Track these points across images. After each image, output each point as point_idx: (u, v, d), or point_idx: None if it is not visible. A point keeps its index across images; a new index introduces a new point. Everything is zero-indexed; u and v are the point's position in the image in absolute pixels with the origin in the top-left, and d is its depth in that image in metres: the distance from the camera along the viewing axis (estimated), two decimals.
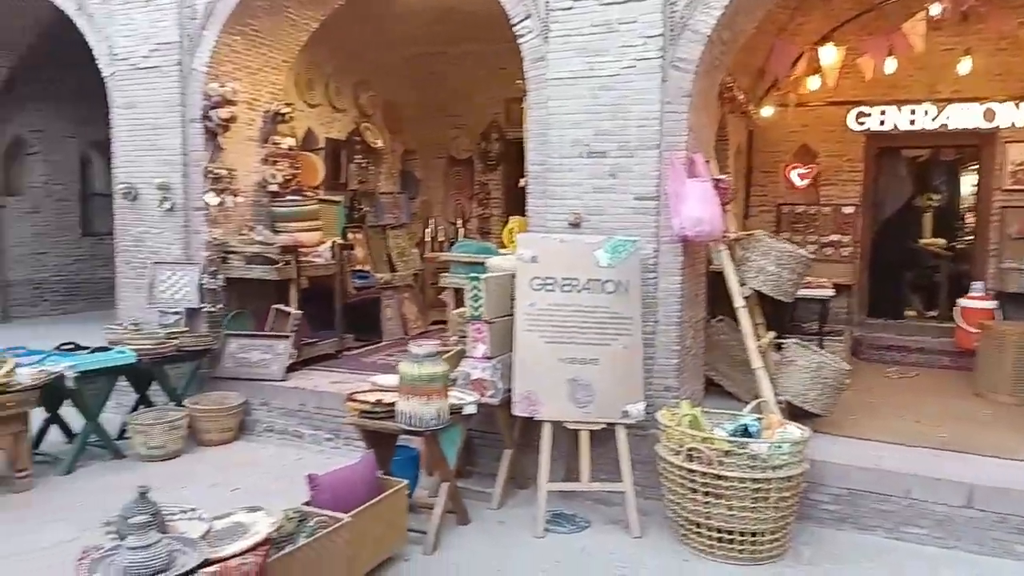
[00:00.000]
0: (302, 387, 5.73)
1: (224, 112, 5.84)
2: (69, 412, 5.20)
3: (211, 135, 5.93)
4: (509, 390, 4.36)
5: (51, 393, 4.86)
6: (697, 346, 4.96)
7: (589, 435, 4.21)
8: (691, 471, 3.69)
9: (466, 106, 9.08)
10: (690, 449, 3.70)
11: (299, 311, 6.10)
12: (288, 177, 6.61)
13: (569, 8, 4.57)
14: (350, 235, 7.81)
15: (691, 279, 4.68)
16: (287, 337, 5.95)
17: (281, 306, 6.14)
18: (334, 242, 6.74)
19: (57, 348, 5.31)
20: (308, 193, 6.68)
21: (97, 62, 6.19)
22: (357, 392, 4.09)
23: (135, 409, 5.59)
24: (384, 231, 8.56)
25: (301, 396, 5.68)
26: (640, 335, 4.31)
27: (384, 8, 7.26)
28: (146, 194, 6.06)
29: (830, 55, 6.98)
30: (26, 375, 4.59)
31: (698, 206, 4.25)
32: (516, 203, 10.10)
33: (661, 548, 3.90)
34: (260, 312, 6.46)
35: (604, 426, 4.21)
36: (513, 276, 4.54)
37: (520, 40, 4.81)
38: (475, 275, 4.36)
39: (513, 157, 9.36)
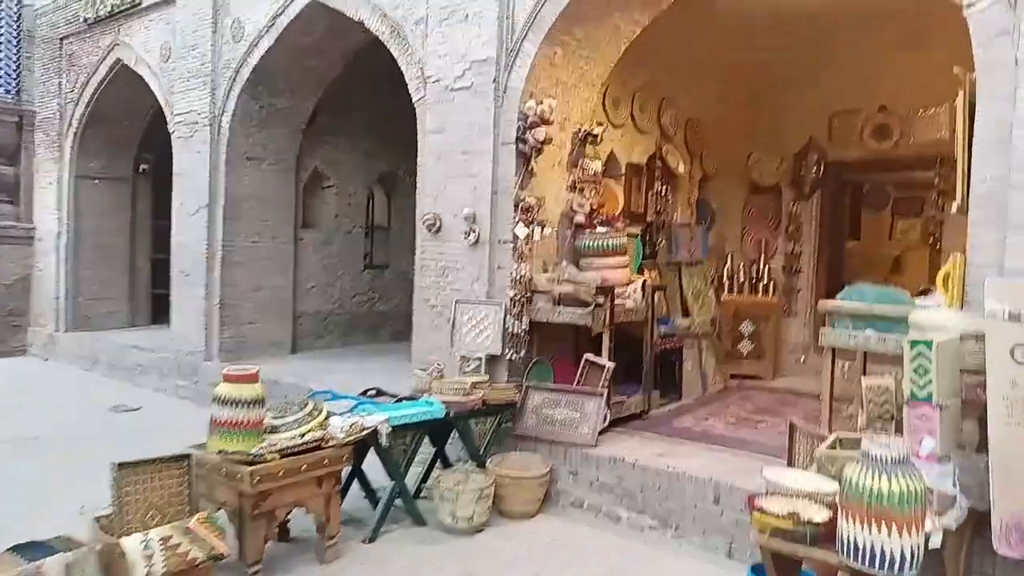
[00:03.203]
0: (618, 457, 4.75)
1: (540, 133, 5.15)
2: (369, 464, 4.68)
3: (524, 159, 5.28)
4: (970, 508, 3.00)
5: (359, 445, 4.33)
6: None
7: None
8: None
9: (775, 123, 7.77)
10: None
11: (613, 364, 5.17)
12: (595, 206, 5.80)
13: None
14: (645, 273, 6.83)
15: None
16: (600, 395, 5.03)
17: (593, 356, 5.25)
18: (645, 281, 5.78)
19: (363, 394, 4.86)
20: (618, 224, 5.80)
21: (408, 86, 5.87)
22: (758, 496, 2.96)
23: (431, 466, 4.99)
24: (678, 269, 7.48)
25: (618, 469, 4.70)
26: None
27: (702, 13, 6.26)
28: (451, 225, 5.54)
29: None
30: (339, 427, 4.08)
31: None
32: (833, 238, 8.60)
33: None
34: (557, 361, 5.68)
35: None
36: (960, 339, 3.23)
37: (968, 10, 3.49)
38: (921, 339, 3.07)
39: (832, 183, 7.91)
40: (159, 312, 10.00)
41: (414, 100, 5.84)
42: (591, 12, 5.17)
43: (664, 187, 7.11)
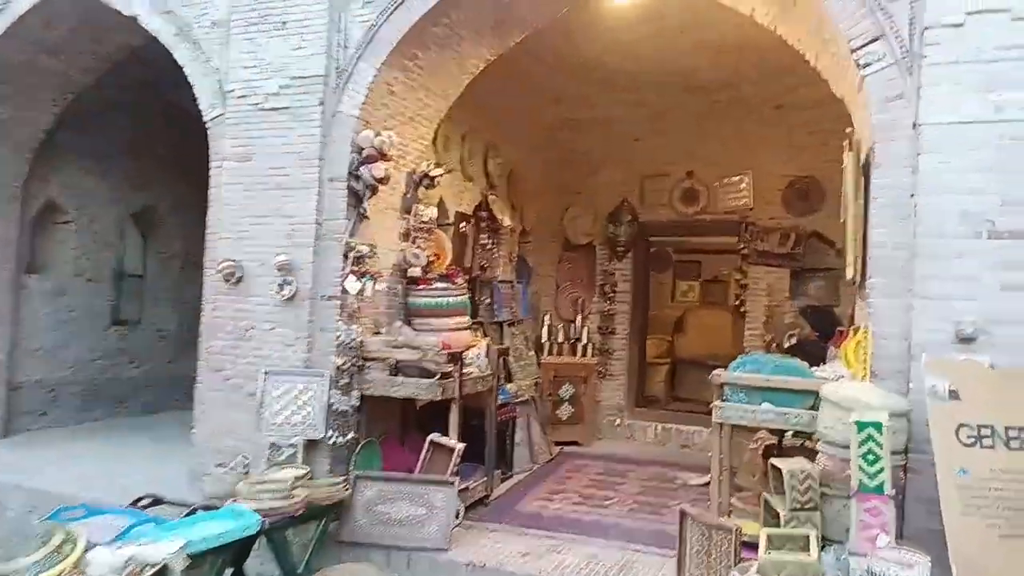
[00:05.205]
0: (477, 563, 3.92)
1: (379, 169, 4.31)
2: None
3: (356, 199, 4.37)
4: None
5: None
6: None
7: None
8: None
9: (591, 183, 7.67)
10: None
11: (463, 444, 4.36)
12: (431, 258, 5.04)
13: (959, 24, 3.15)
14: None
15: None
16: (451, 484, 4.17)
17: (439, 437, 4.40)
18: (489, 345, 5.09)
19: (134, 504, 3.52)
20: (458, 280, 5.08)
21: (199, 101, 4.69)
22: None
23: None
24: (500, 329, 6.93)
25: None
26: None
27: (525, 68, 5.94)
28: (257, 275, 4.42)
29: None
30: (108, 567, 2.78)
31: None
32: (646, 297, 8.62)
33: None
34: (384, 442, 4.76)
35: None
36: (890, 416, 2.97)
37: (865, 71, 3.38)
38: (870, 420, 2.72)
39: (644, 243, 7.95)
40: None
41: (207, 118, 4.68)
42: (437, 37, 4.50)
43: (490, 240, 6.55)
